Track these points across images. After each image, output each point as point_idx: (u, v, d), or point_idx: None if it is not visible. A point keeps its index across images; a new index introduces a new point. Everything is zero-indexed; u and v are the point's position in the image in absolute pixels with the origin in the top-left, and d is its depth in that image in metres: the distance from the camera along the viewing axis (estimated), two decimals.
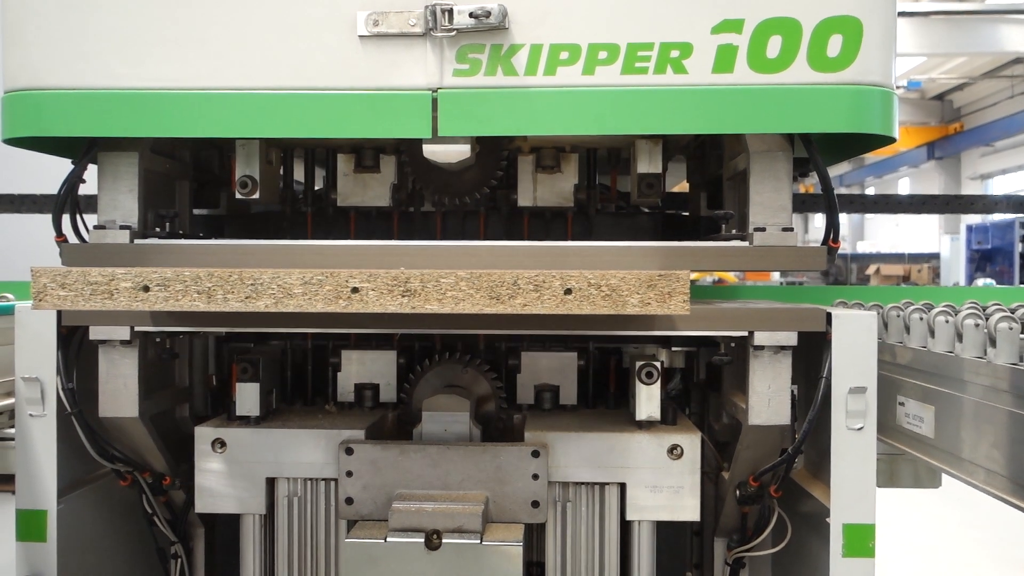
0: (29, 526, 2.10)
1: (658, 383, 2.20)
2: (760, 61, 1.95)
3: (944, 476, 2.33)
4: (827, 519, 2.04)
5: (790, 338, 2.05)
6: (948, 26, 17.64)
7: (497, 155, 2.44)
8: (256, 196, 2.29)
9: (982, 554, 5.62)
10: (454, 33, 1.96)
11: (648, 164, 2.31)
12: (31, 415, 2.08)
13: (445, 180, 2.47)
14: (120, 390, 2.13)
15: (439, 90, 1.99)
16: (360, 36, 1.99)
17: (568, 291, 1.77)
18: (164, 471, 2.28)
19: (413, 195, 2.58)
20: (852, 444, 2.02)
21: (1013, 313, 2.56)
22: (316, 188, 2.68)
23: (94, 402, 2.14)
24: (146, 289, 1.85)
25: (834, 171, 2.46)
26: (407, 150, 2.45)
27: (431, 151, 2.18)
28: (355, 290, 1.79)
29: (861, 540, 2.03)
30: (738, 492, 2.27)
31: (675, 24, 1.96)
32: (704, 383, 2.62)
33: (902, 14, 16.29)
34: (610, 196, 2.71)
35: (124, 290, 1.85)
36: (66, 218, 2.19)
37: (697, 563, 2.72)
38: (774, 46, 1.95)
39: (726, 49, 1.95)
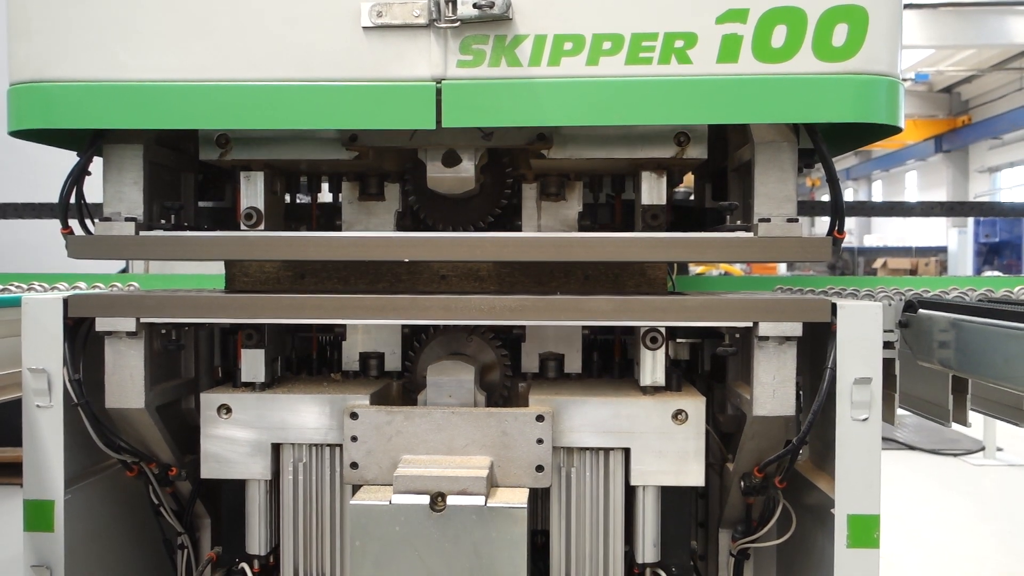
0: (36, 516, 2.11)
1: (663, 348, 2.19)
2: (765, 51, 1.95)
3: None
4: (832, 510, 2.04)
5: (795, 329, 2.05)
6: (956, 18, 17.56)
7: (502, 183, 2.44)
8: (262, 227, 2.30)
9: (993, 547, 5.61)
10: (458, 24, 1.96)
11: (652, 195, 2.29)
12: (38, 406, 2.09)
13: (449, 208, 2.47)
14: (126, 381, 2.13)
15: (443, 81, 1.99)
16: (364, 27, 1.99)
17: (587, 277, 2.40)
18: (170, 462, 2.29)
19: (417, 222, 2.58)
20: (857, 435, 2.02)
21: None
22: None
23: (101, 393, 2.15)
24: (302, 277, 2.38)
25: (841, 164, 2.46)
26: (411, 177, 2.46)
27: (435, 181, 2.20)
28: (443, 277, 2.39)
29: (866, 531, 2.02)
30: (743, 483, 2.27)
31: (679, 14, 1.95)
32: (709, 374, 2.62)
33: (910, 6, 16.23)
34: (614, 222, 2.70)
35: (286, 277, 2.39)
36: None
37: (702, 555, 2.72)
38: (779, 35, 1.94)
39: (731, 39, 1.95)
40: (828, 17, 1.94)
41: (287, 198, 2.62)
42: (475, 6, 1.94)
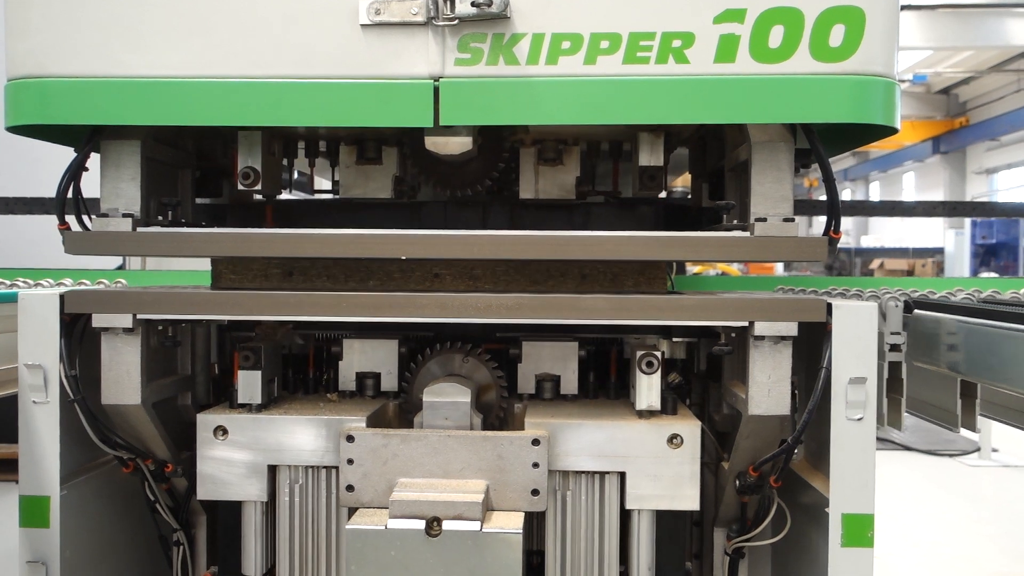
0: (32, 512, 2.11)
1: (658, 373, 2.20)
2: (762, 51, 1.95)
3: None
4: (826, 509, 2.05)
5: (791, 328, 2.05)
6: (954, 19, 17.58)
7: (499, 147, 2.44)
8: (258, 187, 2.30)
9: (988, 547, 5.62)
10: (456, 22, 1.96)
11: (650, 157, 2.31)
12: (34, 402, 2.10)
13: (447, 172, 2.47)
14: (123, 377, 2.13)
15: (441, 79, 1.99)
16: (362, 25, 1.99)
17: (584, 276, 2.31)
18: (166, 458, 2.29)
19: (415, 186, 2.58)
20: (852, 434, 2.03)
21: None
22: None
23: (97, 389, 2.14)
24: (291, 274, 2.30)
25: (838, 165, 2.47)
26: (409, 141, 2.45)
27: (433, 143, 2.19)
28: (436, 275, 2.31)
29: (860, 530, 2.03)
30: (738, 482, 2.28)
31: (677, 13, 1.95)
32: (705, 373, 2.62)
33: (908, 7, 16.24)
34: (612, 189, 2.71)
35: (274, 275, 2.30)
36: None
37: (697, 553, 2.73)
38: (776, 36, 1.95)
39: (728, 39, 1.95)
40: (825, 18, 1.95)
41: (284, 196, 2.63)
42: (473, 4, 1.94)
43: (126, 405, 2.15)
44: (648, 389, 2.21)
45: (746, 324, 2.07)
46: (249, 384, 2.26)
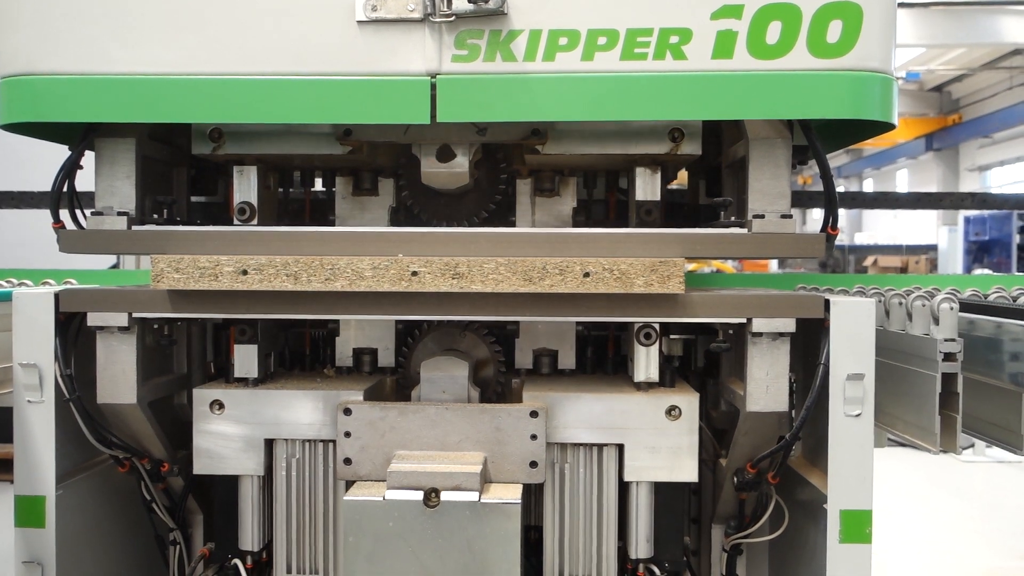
0: (27, 512, 2.10)
1: (656, 345, 2.19)
2: (760, 47, 1.95)
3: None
4: (824, 505, 2.05)
5: (788, 325, 2.05)
6: (947, 17, 17.61)
7: (495, 178, 2.44)
8: (255, 222, 2.29)
9: (981, 545, 5.64)
10: (453, 18, 1.96)
11: (646, 191, 2.30)
12: (29, 401, 2.08)
13: (443, 203, 2.47)
14: (118, 376, 2.12)
15: (438, 76, 1.98)
16: (359, 21, 1.98)
17: (587, 274, 2.01)
18: (162, 457, 2.28)
19: (411, 218, 2.57)
20: (850, 430, 2.03)
21: (1015, 300, 2.48)
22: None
23: (92, 388, 2.13)
24: (244, 273, 2.07)
25: (832, 162, 2.45)
26: (405, 173, 2.45)
27: (429, 175, 2.19)
28: (414, 273, 2.04)
29: (858, 526, 2.03)
30: (736, 479, 2.27)
31: (675, 9, 1.95)
32: (702, 370, 2.62)
33: (902, 5, 16.26)
34: (608, 218, 2.70)
35: (227, 273, 2.07)
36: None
37: (695, 550, 2.73)
38: (774, 32, 1.95)
39: (725, 35, 1.95)
40: (822, 14, 1.95)
41: (280, 192, 2.61)
42: (470, 0, 1.93)
43: (122, 404, 2.14)
44: (646, 361, 2.20)
45: (744, 321, 2.07)
46: (245, 358, 2.25)
